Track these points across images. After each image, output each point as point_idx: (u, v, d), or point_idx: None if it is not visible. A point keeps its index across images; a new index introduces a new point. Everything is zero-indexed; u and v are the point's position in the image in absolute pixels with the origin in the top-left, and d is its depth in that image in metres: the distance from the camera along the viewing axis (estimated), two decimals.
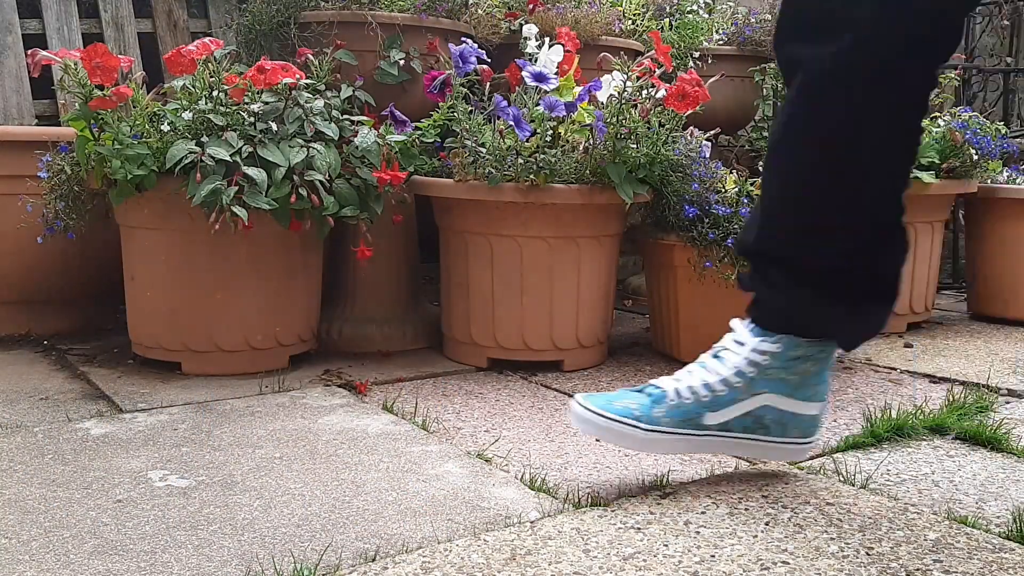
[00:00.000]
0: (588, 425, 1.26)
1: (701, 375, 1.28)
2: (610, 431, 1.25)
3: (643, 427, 1.25)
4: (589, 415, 1.26)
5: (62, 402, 1.69)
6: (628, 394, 1.29)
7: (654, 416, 1.25)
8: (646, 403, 1.26)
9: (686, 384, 1.27)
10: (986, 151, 2.40)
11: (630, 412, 1.25)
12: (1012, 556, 1.09)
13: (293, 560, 1.06)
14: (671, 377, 1.30)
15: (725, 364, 1.27)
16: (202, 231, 1.75)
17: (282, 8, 2.21)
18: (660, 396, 1.27)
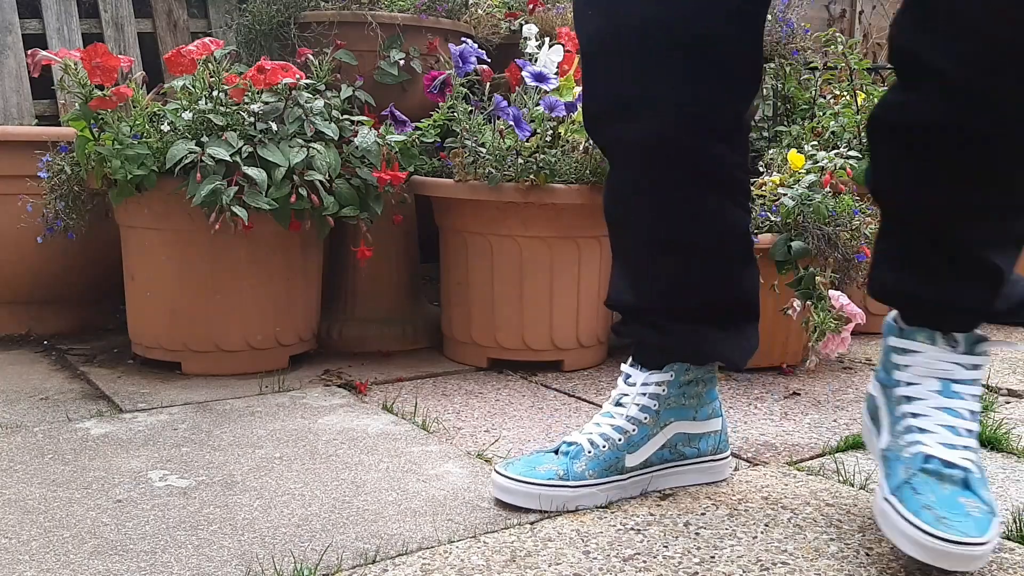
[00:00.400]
0: (514, 495, 1.22)
1: (609, 421, 1.28)
2: (541, 496, 1.21)
3: (571, 484, 1.22)
4: (514, 484, 1.22)
5: (62, 402, 1.69)
6: (545, 456, 1.26)
7: (577, 471, 1.23)
8: (565, 461, 1.24)
9: (598, 433, 1.27)
10: None
11: (554, 473, 1.23)
12: (1012, 556, 1.09)
13: (293, 560, 1.06)
14: (581, 432, 1.28)
15: (628, 407, 1.28)
16: (202, 231, 1.75)
17: (282, 8, 2.21)
18: (577, 451, 1.25)
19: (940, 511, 1.00)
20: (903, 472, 1.06)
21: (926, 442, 1.06)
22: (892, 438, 1.11)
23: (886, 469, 1.10)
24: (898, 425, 1.11)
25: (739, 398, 1.79)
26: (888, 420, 1.14)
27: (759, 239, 1.87)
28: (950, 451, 1.04)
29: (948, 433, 1.06)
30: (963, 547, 0.97)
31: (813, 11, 3.80)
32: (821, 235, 1.85)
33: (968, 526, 0.99)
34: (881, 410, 1.17)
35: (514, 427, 1.58)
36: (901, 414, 1.11)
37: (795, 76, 2.75)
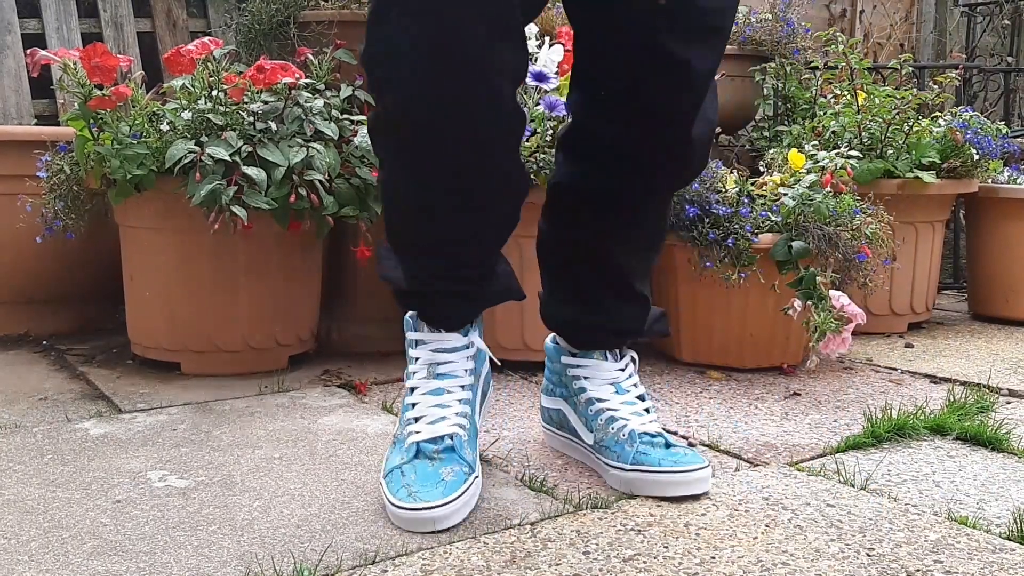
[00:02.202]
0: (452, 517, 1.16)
1: (452, 398, 1.27)
2: (469, 503, 1.19)
3: (476, 473, 1.23)
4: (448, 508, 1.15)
5: (61, 402, 1.69)
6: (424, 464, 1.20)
7: (470, 459, 1.23)
8: (457, 456, 1.22)
9: (456, 413, 1.25)
10: (987, 151, 2.40)
11: (464, 474, 1.20)
12: (1012, 556, 1.09)
13: (293, 560, 1.06)
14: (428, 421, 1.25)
15: (456, 376, 1.28)
16: (201, 231, 1.75)
17: (281, 7, 2.20)
18: (460, 441, 1.23)
19: (669, 457, 1.27)
20: (629, 446, 1.29)
21: (630, 423, 1.32)
22: (597, 432, 1.34)
23: (612, 454, 1.31)
24: (598, 420, 1.35)
25: (740, 398, 1.79)
26: (583, 420, 1.38)
27: (760, 239, 1.87)
28: (650, 425, 1.32)
29: (637, 417, 1.33)
30: (689, 472, 1.25)
31: (814, 10, 3.80)
32: (822, 235, 1.85)
33: (688, 459, 1.27)
34: (571, 417, 1.40)
35: (514, 427, 1.58)
36: (595, 411, 1.35)
37: (796, 76, 2.75)
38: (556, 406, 1.43)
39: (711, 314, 1.97)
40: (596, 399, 1.36)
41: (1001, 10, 3.80)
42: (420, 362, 1.28)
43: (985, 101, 3.75)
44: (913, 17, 4.33)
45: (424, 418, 1.24)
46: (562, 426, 1.43)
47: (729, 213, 1.87)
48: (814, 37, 2.73)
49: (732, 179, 1.98)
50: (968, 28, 3.97)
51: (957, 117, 2.43)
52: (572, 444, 1.41)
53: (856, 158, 2.20)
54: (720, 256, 1.87)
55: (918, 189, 2.31)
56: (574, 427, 1.39)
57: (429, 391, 1.26)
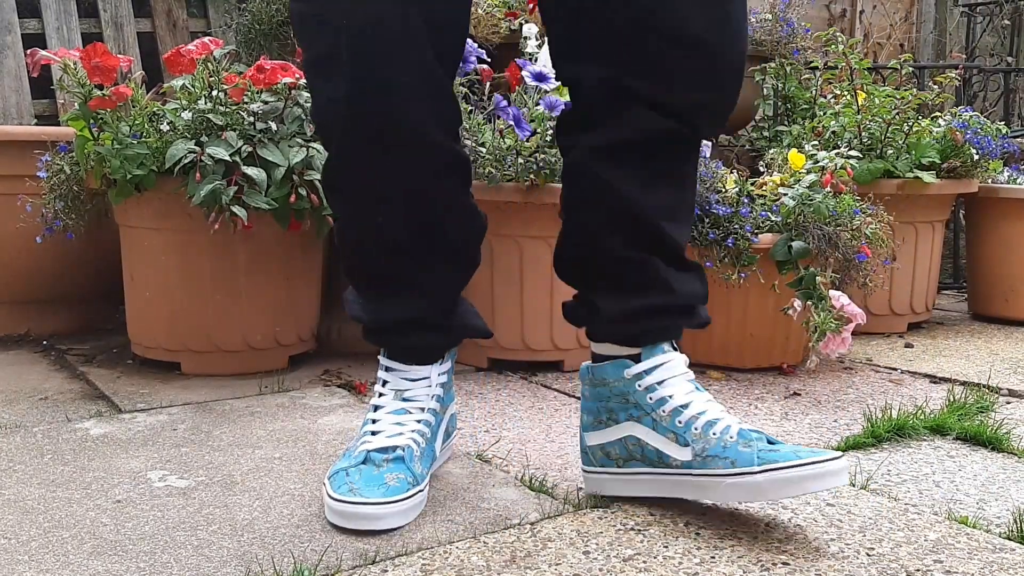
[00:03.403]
0: (388, 519, 1.14)
1: (412, 418, 1.27)
2: (406, 512, 1.16)
3: (421, 487, 1.20)
4: (385, 508, 1.14)
5: (61, 402, 1.69)
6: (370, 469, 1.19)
7: (419, 472, 1.22)
8: (404, 467, 1.20)
9: (412, 431, 1.25)
10: (987, 151, 2.40)
11: (408, 483, 1.18)
12: (1012, 556, 1.09)
13: (293, 560, 1.06)
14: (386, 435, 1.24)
15: (420, 400, 1.28)
16: (202, 231, 1.75)
17: (282, 8, 2.21)
18: (411, 453, 1.22)
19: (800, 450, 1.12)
20: (745, 448, 1.13)
21: (732, 424, 1.17)
22: (696, 443, 1.17)
23: (725, 462, 1.14)
24: (692, 429, 1.17)
25: (739, 398, 1.79)
26: (672, 436, 1.19)
27: (759, 239, 1.87)
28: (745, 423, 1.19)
29: (730, 415, 1.19)
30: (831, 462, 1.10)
31: (814, 11, 3.80)
32: (822, 235, 1.85)
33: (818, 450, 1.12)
34: (650, 439, 1.21)
35: (514, 427, 1.58)
36: (687, 420, 1.18)
37: (796, 76, 2.75)
38: (622, 435, 1.23)
39: (711, 314, 1.96)
40: (682, 406, 1.19)
41: (1001, 10, 3.81)
42: (388, 386, 1.30)
43: (985, 101, 3.76)
44: (913, 17, 4.34)
45: (381, 433, 1.25)
46: (631, 458, 1.23)
47: (729, 213, 1.87)
48: (814, 37, 2.73)
49: (732, 179, 1.98)
50: (968, 28, 3.97)
51: (957, 117, 2.43)
52: (648, 477, 1.22)
53: (856, 158, 2.20)
54: (720, 256, 1.87)
55: (918, 189, 2.31)
56: (657, 449, 1.19)
57: (392, 411, 1.27)
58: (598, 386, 1.26)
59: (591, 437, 1.26)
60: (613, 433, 1.24)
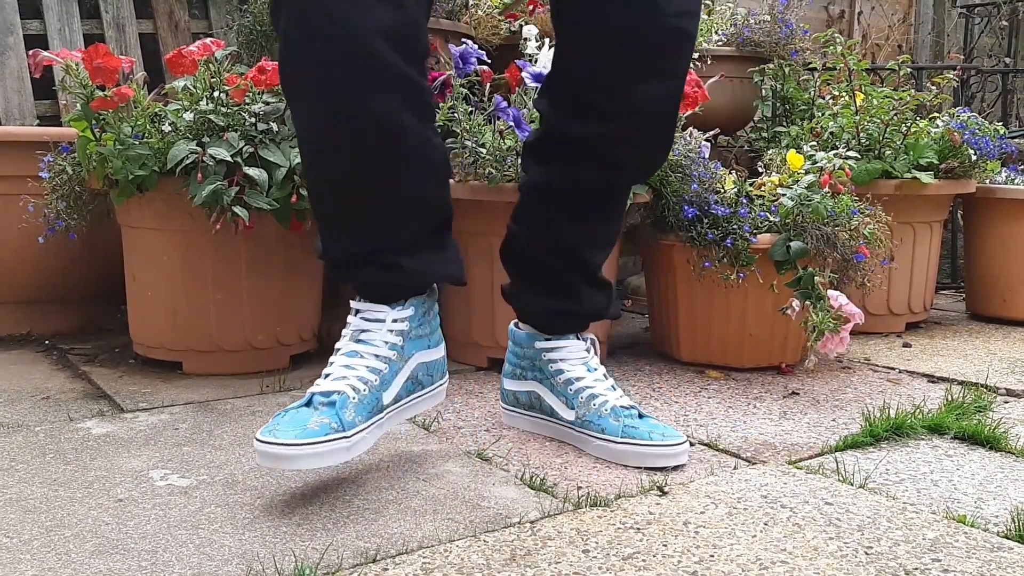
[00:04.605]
0: (298, 460, 1.18)
1: (361, 363, 1.28)
2: (322, 455, 1.19)
3: (348, 434, 1.22)
4: (295, 450, 1.17)
5: (63, 402, 1.70)
6: (303, 412, 1.23)
7: (349, 420, 1.23)
8: (333, 412, 1.22)
9: (356, 377, 1.27)
10: (984, 151, 2.41)
11: (329, 428, 1.21)
12: (1010, 555, 1.09)
13: (294, 559, 1.07)
14: (332, 379, 1.27)
15: (374, 344, 1.30)
16: (203, 231, 1.76)
17: None
18: (343, 400, 1.24)
19: (656, 430, 1.41)
20: (615, 420, 1.42)
21: (610, 399, 1.45)
22: (579, 408, 1.46)
23: (597, 427, 1.43)
24: (578, 398, 1.47)
25: (738, 397, 1.79)
26: (563, 400, 1.49)
27: (758, 239, 1.87)
28: (623, 399, 1.46)
29: (612, 392, 1.47)
30: (676, 446, 1.39)
31: (812, 12, 3.81)
32: (820, 235, 1.86)
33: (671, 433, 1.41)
34: (547, 397, 1.51)
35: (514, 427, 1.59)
36: (576, 391, 1.47)
37: (794, 77, 2.75)
38: (527, 388, 1.54)
39: (710, 314, 1.98)
40: (574, 378, 1.48)
41: (999, 11, 3.81)
42: (349, 327, 1.33)
43: (983, 102, 3.76)
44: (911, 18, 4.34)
45: (330, 376, 1.28)
46: (532, 407, 1.54)
47: (728, 213, 1.88)
48: (812, 38, 2.74)
49: (731, 180, 1.99)
50: (966, 29, 3.98)
51: (955, 118, 2.44)
52: (543, 422, 1.53)
53: (854, 159, 2.20)
54: (719, 256, 1.88)
55: (916, 189, 2.31)
56: (551, 406, 1.50)
57: (346, 352, 1.30)
58: (516, 346, 1.56)
59: (508, 383, 1.57)
60: (523, 386, 1.55)
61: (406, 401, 1.36)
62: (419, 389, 1.38)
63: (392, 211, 1.28)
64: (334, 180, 1.27)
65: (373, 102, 1.19)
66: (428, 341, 1.38)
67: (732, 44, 2.84)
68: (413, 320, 1.34)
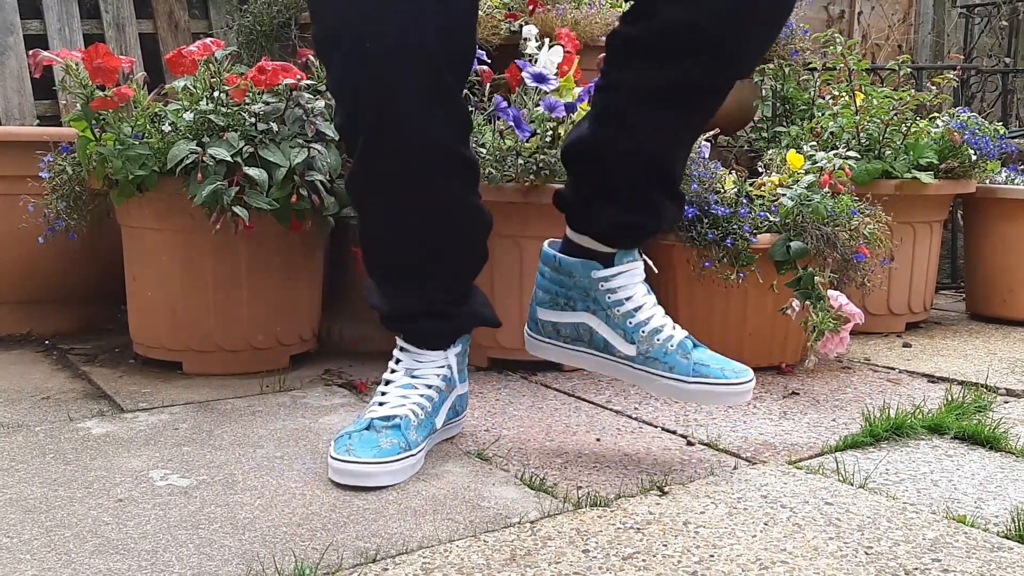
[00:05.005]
0: (376, 477, 1.29)
1: (415, 392, 1.41)
2: (395, 472, 1.31)
3: (413, 452, 1.35)
4: (374, 468, 1.29)
5: (63, 402, 1.70)
6: (369, 434, 1.34)
7: (413, 440, 1.35)
8: (399, 433, 1.34)
9: (413, 403, 1.39)
10: (984, 151, 2.41)
11: (399, 448, 1.33)
12: (1010, 555, 1.09)
13: (294, 559, 1.07)
14: (390, 406, 1.38)
15: (427, 378, 1.43)
16: (203, 231, 1.76)
17: (283, 9, 2.21)
18: (407, 422, 1.36)
19: (728, 366, 1.37)
20: (684, 359, 1.36)
21: (674, 333, 1.38)
22: (641, 343, 1.38)
23: (664, 365, 1.36)
24: (639, 332, 1.38)
25: None
26: (621, 333, 1.39)
27: (758, 239, 1.87)
28: (681, 330, 1.39)
29: (671, 325, 1.39)
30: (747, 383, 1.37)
31: (812, 12, 3.81)
32: (820, 235, 1.86)
33: (740, 369, 1.38)
34: (601, 330, 1.40)
35: (514, 427, 1.59)
36: (637, 323, 1.38)
37: (794, 77, 2.75)
38: (575, 320, 1.43)
39: (710, 314, 1.98)
40: (635, 309, 1.38)
41: (999, 11, 3.81)
42: (401, 364, 1.45)
43: (983, 102, 3.76)
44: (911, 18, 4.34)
45: (387, 404, 1.39)
46: (579, 339, 1.43)
47: (728, 213, 1.88)
48: (812, 38, 2.74)
49: (731, 180, 1.99)
50: (966, 29, 3.98)
51: (955, 118, 2.44)
52: (590, 356, 1.43)
53: (854, 159, 2.20)
54: (719, 256, 1.88)
55: (916, 189, 2.31)
56: (605, 340, 1.40)
57: (400, 385, 1.42)
58: (562, 275, 1.43)
59: (544, 313, 1.46)
60: (568, 317, 1.43)
61: (447, 425, 1.47)
62: (455, 416, 1.49)
63: (451, 272, 1.44)
64: (401, 253, 1.41)
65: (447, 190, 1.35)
66: (464, 375, 1.49)
67: None
68: (460, 356, 1.48)
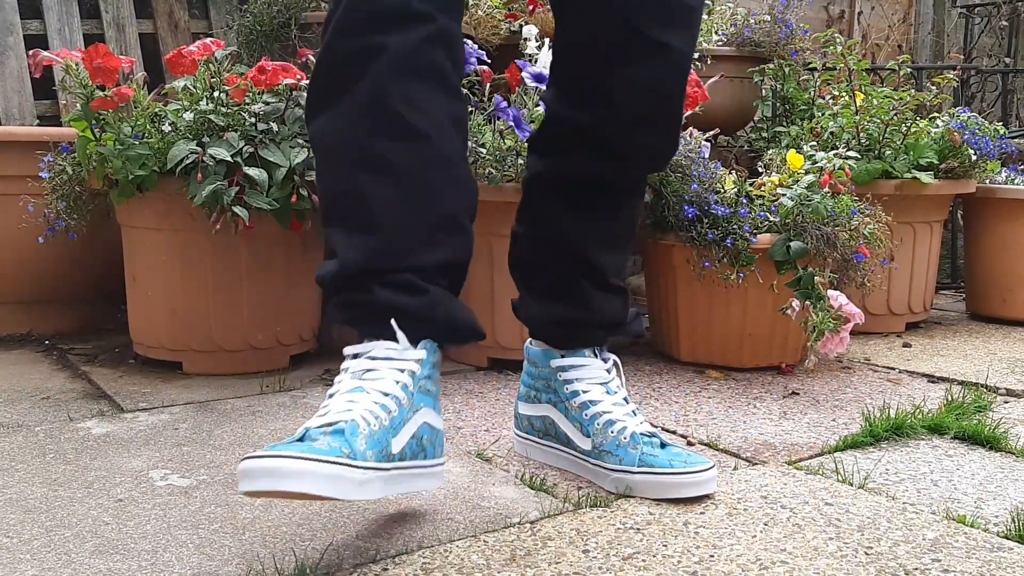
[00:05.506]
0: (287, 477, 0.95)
1: (367, 398, 1.08)
2: (328, 477, 0.97)
3: (360, 465, 1.01)
4: (286, 463, 0.95)
5: (63, 402, 1.70)
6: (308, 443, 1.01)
7: (360, 450, 1.02)
8: (343, 438, 1.01)
9: (363, 408, 1.06)
10: (984, 151, 2.41)
11: (338, 451, 1.00)
12: (1010, 555, 1.09)
13: (295, 559, 1.07)
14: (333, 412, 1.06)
15: (382, 381, 1.10)
16: (203, 231, 1.76)
17: (283, 9, 2.21)
18: (353, 427, 1.03)
19: (678, 458, 1.28)
20: (633, 450, 1.29)
21: (628, 426, 1.31)
22: (595, 436, 1.32)
23: (614, 458, 1.30)
24: (594, 424, 1.33)
25: (738, 397, 1.79)
26: (578, 426, 1.35)
27: (758, 239, 1.87)
28: (643, 425, 1.32)
29: (631, 419, 1.32)
30: (699, 473, 1.26)
31: (812, 12, 3.81)
32: (820, 235, 1.86)
33: (694, 460, 1.28)
34: (561, 424, 1.37)
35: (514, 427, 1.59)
36: (591, 415, 1.33)
37: (794, 77, 2.76)
38: (542, 413, 1.40)
39: (710, 314, 1.98)
40: (590, 402, 1.34)
41: (999, 11, 3.81)
42: (347, 373, 1.12)
43: (983, 102, 3.77)
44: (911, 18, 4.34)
45: (329, 412, 1.07)
46: (547, 434, 1.40)
47: (728, 213, 1.88)
48: (812, 38, 2.74)
49: (731, 180, 1.99)
50: (966, 29, 3.98)
51: (955, 118, 2.44)
52: (558, 452, 1.38)
53: (854, 159, 2.21)
54: (719, 256, 1.88)
55: (916, 189, 2.32)
56: (565, 433, 1.36)
57: (347, 390, 1.09)
58: (532, 366, 1.42)
59: (522, 407, 1.44)
60: (537, 409, 1.41)
61: (410, 465, 1.10)
62: (421, 456, 1.13)
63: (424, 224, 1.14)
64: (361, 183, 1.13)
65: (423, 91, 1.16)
66: (434, 401, 1.16)
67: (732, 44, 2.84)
68: (424, 366, 1.13)
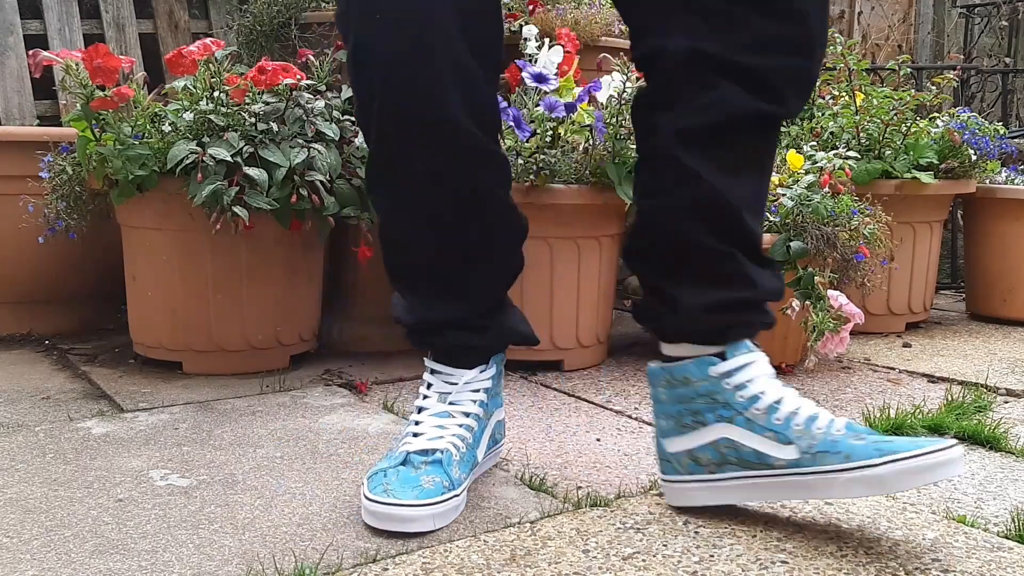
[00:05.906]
0: (417, 522, 1.13)
1: (452, 422, 1.25)
2: (442, 515, 1.15)
3: (457, 492, 1.19)
4: (415, 511, 1.13)
5: (63, 402, 1.70)
6: (407, 472, 1.18)
7: (456, 477, 1.20)
8: (441, 470, 1.19)
9: (453, 435, 1.23)
10: (984, 151, 2.41)
11: (442, 487, 1.17)
12: (1010, 555, 1.09)
13: (294, 559, 1.07)
14: (427, 438, 1.22)
15: (463, 404, 1.27)
16: (203, 231, 1.76)
17: (283, 9, 2.21)
18: (448, 458, 1.20)
19: (908, 440, 1.07)
20: (858, 440, 1.09)
21: (837, 423, 1.12)
22: (801, 440, 1.11)
23: (838, 457, 1.09)
24: (792, 425, 1.12)
25: None
26: (772, 435, 1.12)
27: None
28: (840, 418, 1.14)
29: (826, 410, 1.14)
30: (950, 449, 1.05)
31: None
32: (820, 235, 1.86)
33: (925, 440, 1.07)
34: (747, 440, 1.14)
35: (514, 427, 1.59)
36: (786, 416, 1.12)
37: None
38: (711, 439, 1.16)
39: None
40: (777, 402, 1.12)
41: (999, 11, 3.81)
42: (432, 389, 1.28)
43: (983, 102, 3.77)
44: (911, 18, 4.34)
45: (423, 435, 1.23)
46: (724, 463, 1.15)
47: None
48: None
49: None
50: (966, 29, 3.98)
51: (955, 118, 2.44)
52: (743, 482, 1.15)
53: (854, 159, 2.21)
54: None
55: (916, 190, 2.31)
56: (754, 451, 1.12)
57: (435, 413, 1.26)
58: (677, 386, 1.18)
59: (673, 443, 1.19)
60: (702, 436, 1.16)
61: (486, 458, 1.32)
62: (494, 446, 1.35)
63: (481, 278, 1.27)
64: (426, 254, 1.25)
65: (474, 181, 1.20)
66: (499, 399, 1.34)
67: None
68: (495, 378, 1.31)
